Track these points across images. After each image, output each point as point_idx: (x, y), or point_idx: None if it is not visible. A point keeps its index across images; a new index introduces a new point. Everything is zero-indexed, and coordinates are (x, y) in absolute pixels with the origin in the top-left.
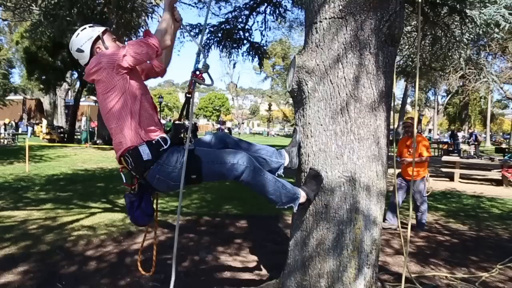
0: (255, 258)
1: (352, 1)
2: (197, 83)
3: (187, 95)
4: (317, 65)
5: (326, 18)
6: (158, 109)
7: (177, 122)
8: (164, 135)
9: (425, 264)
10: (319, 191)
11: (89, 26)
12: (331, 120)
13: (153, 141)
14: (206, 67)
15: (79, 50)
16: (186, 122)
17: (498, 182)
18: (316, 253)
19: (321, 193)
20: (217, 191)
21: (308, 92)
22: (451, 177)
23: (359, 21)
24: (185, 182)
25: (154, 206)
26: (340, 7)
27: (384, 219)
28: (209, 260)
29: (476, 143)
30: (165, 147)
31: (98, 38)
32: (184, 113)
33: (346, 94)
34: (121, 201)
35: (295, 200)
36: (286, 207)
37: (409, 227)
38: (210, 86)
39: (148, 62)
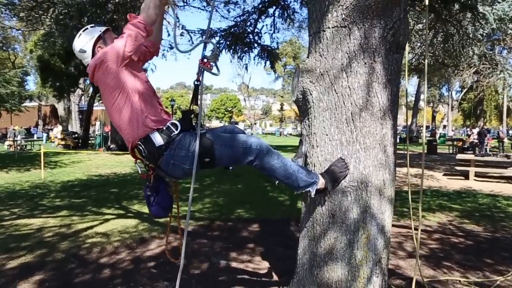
0: (267, 264)
1: (355, 10)
2: (205, 71)
3: (196, 82)
4: (321, 74)
5: (329, 27)
6: (170, 112)
7: (185, 109)
8: (174, 121)
9: (438, 268)
10: (339, 182)
11: (91, 27)
12: (336, 130)
13: (164, 128)
14: (215, 55)
15: (82, 51)
16: (195, 107)
17: None
18: (324, 263)
19: (328, 203)
20: (229, 195)
21: (313, 102)
22: (466, 176)
23: (363, 29)
24: (199, 166)
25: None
26: (343, 16)
27: None
28: (221, 266)
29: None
30: (176, 132)
31: (99, 38)
32: (194, 102)
33: (351, 104)
34: (134, 206)
35: (312, 184)
36: (303, 191)
37: (419, 230)
38: (217, 75)
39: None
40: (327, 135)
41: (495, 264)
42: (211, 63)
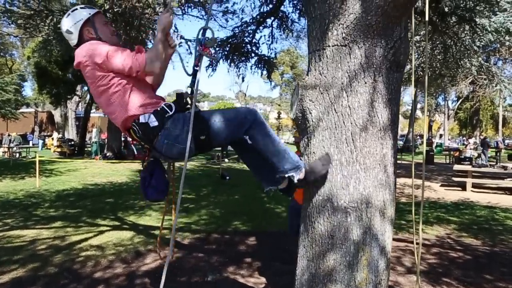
0: (263, 280)
1: (355, 28)
2: (204, 56)
3: (195, 68)
4: (321, 93)
5: (329, 46)
6: None
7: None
8: (169, 102)
9: (438, 284)
10: (319, 176)
11: (80, 7)
12: (336, 149)
13: (158, 109)
14: (214, 40)
15: (68, 32)
16: (188, 90)
17: (511, 191)
18: (324, 285)
19: (327, 223)
20: (226, 206)
21: (313, 121)
22: (463, 187)
23: (364, 48)
24: (195, 146)
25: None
26: (343, 34)
27: None
28: (218, 282)
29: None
30: (171, 113)
31: (88, 20)
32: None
33: (351, 123)
34: (130, 218)
35: (297, 169)
36: (286, 175)
37: (419, 245)
38: (215, 59)
39: None
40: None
41: (495, 280)
42: (210, 49)
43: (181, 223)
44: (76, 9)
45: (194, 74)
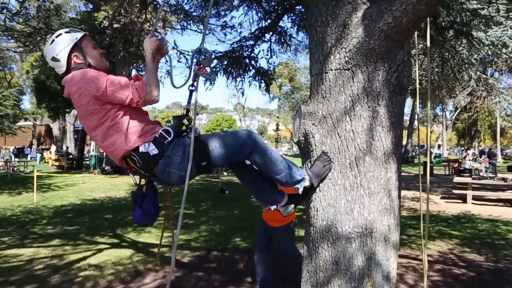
0: None
1: (358, 52)
2: (200, 76)
3: (190, 87)
4: (324, 117)
5: (332, 69)
6: None
7: (177, 115)
8: (167, 128)
9: None
10: (325, 176)
11: (65, 32)
12: (340, 174)
13: (156, 135)
14: (209, 60)
15: (54, 59)
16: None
17: None
18: None
19: (331, 249)
20: (226, 221)
21: (315, 145)
22: (463, 199)
23: (366, 72)
24: (196, 170)
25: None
26: (346, 58)
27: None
28: None
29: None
30: (169, 139)
31: (75, 45)
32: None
33: (355, 148)
34: (129, 235)
35: (301, 181)
36: (292, 187)
37: (425, 263)
38: (212, 79)
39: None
40: (330, 179)
41: None
42: (206, 68)
43: (181, 240)
44: (61, 34)
45: (190, 95)
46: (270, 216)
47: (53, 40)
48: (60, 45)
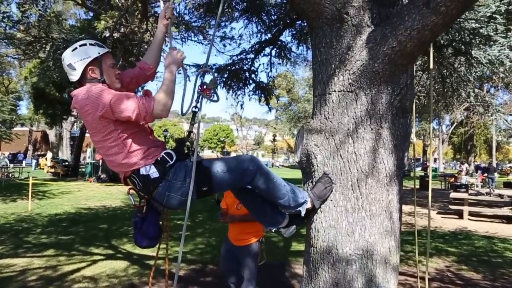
0: None
1: (362, 75)
2: (204, 98)
3: (194, 109)
4: (327, 138)
5: (335, 91)
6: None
7: (179, 138)
8: (169, 151)
9: None
10: (326, 198)
11: (90, 44)
12: (341, 196)
13: (158, 158)
14: (214, 82)
15: (71, 67)
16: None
17: (508, 219)
18: None
19: (332, 271)
20: (222, 233)
21: (317, 166)
22: (460, 215)
23: (370, 95)
24: (197, 195)
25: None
26: (350, 80)
27: None
28: None
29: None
30: (171, 162)
31: (95, 59)
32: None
33: (357, 170)
34: (124, 246)
35: (303, 204)
36: (294, 211)
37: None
38: (216, 102)
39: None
40: (331, 200)
41: None
42: (210, 90)
43: (176, 252)
44: (85, 44)
45: (193, 116)
46: (235, 234)
47: (76, 48)
48: (82, 54)
